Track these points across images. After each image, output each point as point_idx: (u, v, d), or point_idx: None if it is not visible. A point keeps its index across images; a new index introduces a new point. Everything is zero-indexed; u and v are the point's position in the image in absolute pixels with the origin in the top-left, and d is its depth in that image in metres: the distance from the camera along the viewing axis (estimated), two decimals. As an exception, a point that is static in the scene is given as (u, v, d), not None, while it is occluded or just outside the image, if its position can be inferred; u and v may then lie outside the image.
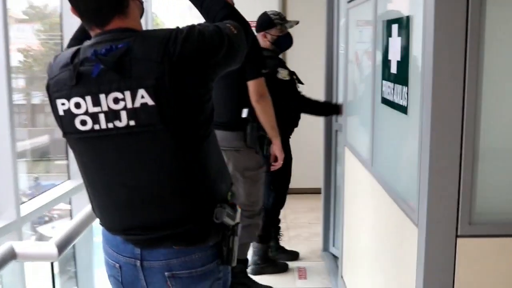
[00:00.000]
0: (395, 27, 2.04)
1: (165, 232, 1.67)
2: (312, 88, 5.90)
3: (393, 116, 2.07)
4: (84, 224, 2.29)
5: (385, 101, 2.19)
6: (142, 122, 1.56)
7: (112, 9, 1.63)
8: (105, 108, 1.57)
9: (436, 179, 1.64)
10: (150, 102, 1.54)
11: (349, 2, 3.10)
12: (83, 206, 3.36)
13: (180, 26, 1.64)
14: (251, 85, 3.20)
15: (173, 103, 1.55)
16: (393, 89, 2.04)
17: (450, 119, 1.61)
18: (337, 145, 4.22)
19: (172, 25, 1.69)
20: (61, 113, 1.64)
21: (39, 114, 5.42)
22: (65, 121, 1.64)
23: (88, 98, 1.58)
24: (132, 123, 1.56)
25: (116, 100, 1.56)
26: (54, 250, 1.89)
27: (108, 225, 1.78)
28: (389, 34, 2.11)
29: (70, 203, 3.35)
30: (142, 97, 1.54)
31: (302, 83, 3.98)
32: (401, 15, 2.01)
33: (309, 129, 6.49)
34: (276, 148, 3.42)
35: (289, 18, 6.36)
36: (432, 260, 1.67)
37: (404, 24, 1.94)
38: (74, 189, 3.23)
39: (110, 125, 1.58)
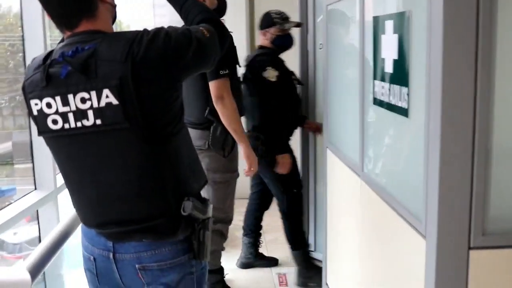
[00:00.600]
0: (389, 24, 1.91)
1: (135, 226, 1.74)
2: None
3: (390, 118, 1.95)
4: (57, 244, 2.10)
5: (378, 102, 2.07)
6: (107, 121, 1.63)
7: (80, 12, 1.70)
8: (73, 108, 1.64)
9: (446, 187, 1.52)
10: (115, 101, 1.61)
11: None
12: (52, 221, 3.18)
13: (149, 28, 1.70)
14: (211, 86, 3.14)
15: (136, 102, 1.61)
16: (389, 89, 1.92)
17: (461, 123, 1.49)
18: (316, 146, 4.10)
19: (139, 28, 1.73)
20: (35, 113, 1.71)
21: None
22: (39, 120, 1.71)
23: (58, 98, 1.65)
24: (98, 122, 1.64)
25: (83, 100, 1.63)
26: (27, 277, 1.71)
27: (83, 220, 1.87)
28: (382, 31, 1.99)
29: (37, 217, 3.13)
30: (107, 96, 1.60)
31: (302, 84, 3.97)
32: (396, 10, 1.89)
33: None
34: (244, 154, 3.30)
35: (256, 14, 6.29)
36: (443, 274, 1.55)
37: (401, 20, 1.81)
38: (42, 201, 3.03)
39: (79, 124, 1.65)
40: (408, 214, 1.78)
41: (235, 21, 6.12)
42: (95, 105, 1.62)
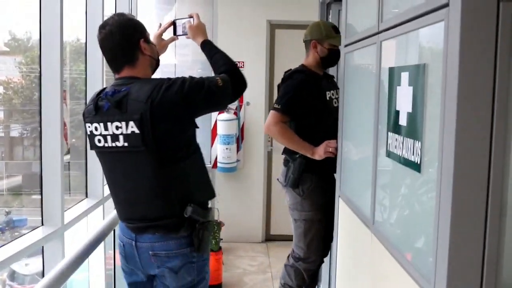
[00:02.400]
0: (405, 76, 1.87)
1: (150, 223, 2.33)
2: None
3: (402, 172, 1.89)
4: (59, 281, 2.06)
5: (391, 155, 2.01)
6: (131, 144, 2.25)
7: (123, 62, 2.35)
8: (111, 132, 2.28)
9: (457, 249, 1.45)
10: (136, 130, 2.22)
11: (346, 46, 2.95)
12: (57, 257, 3.14)
13: (176, 76, 2.31)
14: None
15: (151, 132, 2.20)
16: (402, 142, 1.87)
17: (475, 182, 1.43)
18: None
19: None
20: (88, 132, 2.37)
21: (17, 147, 5.28)
22: (90, 138, 2.37)
23: (101, 125, 2.30)
24: (126, 144, 2.26)
25: (117, 128, 2.26)
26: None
27: (118, 215, 2.49)
28: (397, 83, 1.95)
29: (42, 254, 3.08)
30: (132, 126, 2.23)
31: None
32: (412, 62, 1.84)
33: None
34: (316, 155, 3.34)
35: (276, 51, 6.35)
36: None
37: (417, 73, 1.77)
38: (48, 237, 2.99)
39: (113, 144, 2.29)
40: (417, 274, 1.70)
41: (257, 61, 6.19)
42: (124, 132, 2.24)
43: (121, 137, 2.25)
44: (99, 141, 2.31)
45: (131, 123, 2.21)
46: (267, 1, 6.24)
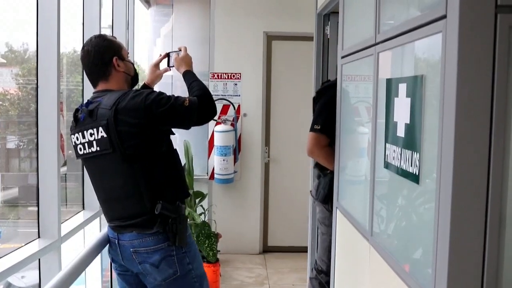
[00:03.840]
0: (402, 87, 1.87)
1: (126, 221, 2.55)
2: (298, 135, 5.76)
3: (400, 184, 1.88)
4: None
5: (389, 166, 2.01)
6: (102, 147, 2.51)
7: (98, 76, 2.67)
8: (87, 140, 2.55)
9: (457, 261, 1.44)
10: (104, 135, 2.49)
11: (342, 57, 2.95)
12: (53, 270, 3.12)
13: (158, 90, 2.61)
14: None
15: (116, 136, 2.46)
16: (400, 154, 1.86)
17: (474, 193, 1.42)
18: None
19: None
20: (73, 143, 2.63)
21: (13, 159, 5.26)
22: (75, 149, 2.62)
23: (80, 134, 2.57)
24: (98, 148, 2.53)
25: (90, 134, 2.53)
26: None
27: (105, 217, 2.70)
28: (395, 94, 1.95)
29: (39, 266, 3.06)
30: (101, 131, 2.49)
31: None
32: (410, 74, 1.84)
33: (290, 184, 6.37)
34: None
35: (273, 63, 6.36)
36: None
37: (414, 84, 1.77)
38: (44, 250, 2.97)
39: (90, 150, 2.55)
40: (416, 285, 1.70)
41: (253, 72, 6.19)
42: (96, 137, 2.51)
43: (94, 143, 2.51)
44: (80, 149, 2.58)
45: (100, 129, 2.48)
46: (264, 12, 6.25)
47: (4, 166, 5.11)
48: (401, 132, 1.87)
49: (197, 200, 5.50)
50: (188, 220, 4.31)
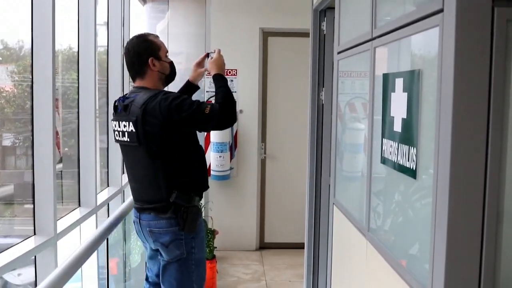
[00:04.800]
0: (399, 82, 1.86)
1: (146, 205, 2.90)
2: (294, 132, 5.76)
3: (397, 179, 1.88)
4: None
5: (386, 161, 2.00)
6: (131, 140, 2.84)
7: (135, 74, 2.96)
8: (121, 129, 2.88)
9: (454, 256, 1.44)
10: (133, 129, 2.80)
11: (339, 53, 2.95)
12: (50, 267, 3.10)
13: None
14: None
15: (142, 133, 2.77)
16: (397, 149, 1.86)
17: (471, 187, 1.42)
18: (321, 198, 4.03)
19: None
20: (112, 128, 3.00)
21: (9, 156, 5.23)
22: (113, 133, 2.97)
23: (117, 122, 2.91)
24: (128, 139, 2.86)
25: (124, 126, 2.85)
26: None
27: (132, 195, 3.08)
28: (391, 89, 1.94)
29: (35, 263, 3.05)
30: (131, 126, 2.80)
31: None
32: (407, 68, 1.84)
33: (286, 180, 6.36)
34: None
35: (269, 59, 6.35)
36: None
37: (411, 78, 1.76)
38: (40, 247, 2.96)
39: (123, 139, 2.89)
40: (414, 280, 1.69)
41: (250, 68, 6.18)
42: (127, 130, 2.83)
43: (126, 134, 2.83)
44: (117, 135, 2.92)
45: (131, 124, 2.78)
46: (260, 9, 6.24)
47: (0, 163, 5.10)
48: (398, 127, 1.86)
49: (193, 197, 5.48)
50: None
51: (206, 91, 6.21)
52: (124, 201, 4.92)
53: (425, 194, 1.62)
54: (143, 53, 2.92)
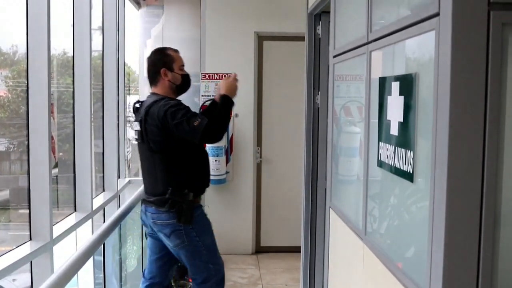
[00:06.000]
0: (395, 85, 1.87)
1: (149, 198, 3.30)
2: (289, 135, 5.76)
3: (394, 182, 1.88)
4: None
5: (382, 165, 2.00)
6: (138, 138, 3.26)
7: (150, 81, 3.40)
8: (135, 129, 3.30)
9: (452, 259, 1.44)
10: (139, 128, 3.24)
11: (334, 57, 2.95)
12: (45, 273, 3.09)
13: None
14: None
15: (145, 131, 3.21)
16: (394, 152, 1.86)
17: (468, 190, 1.42)
18: (317, 201, 4.03)
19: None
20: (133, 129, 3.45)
21: (4, 161, 5.22)
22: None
23: (134, 124, 3.35)
24: (137, 137, 3.29)
25: (136, 125, 3.29)
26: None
27: None
28: (388, 92, 1.94)
29: (30, 269, 3.03)
30: (139, 125, 3.24)
31: None
32: (403, 72, 1.84)
33: (282, 184, 6.36)
34: None
35: (264, 63, 6.35)
36: None
37: (407, 82, 1.77)
38: (36, 252, 2.95)
39: (135, 137, 3.31)
40: (412, 284, 1.69)
41: (245, 72, 6.19)
42: (137, 129, 3.26)
43: (137, 133, 3.28)
44: (134, 134, 3.35)
45: (138, 123, 3.25)
46: (255, 13, 6.24)
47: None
48: (394, 131, 1.87)
49: (189, 201, 5.47)
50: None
51: (201, 95, 6.21)
52: (120, 206, 4.91)
53: (422, 197, 1.63)
54: (158, 63, 3.36)
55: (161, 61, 3.37)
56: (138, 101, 3.42)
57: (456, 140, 1.42)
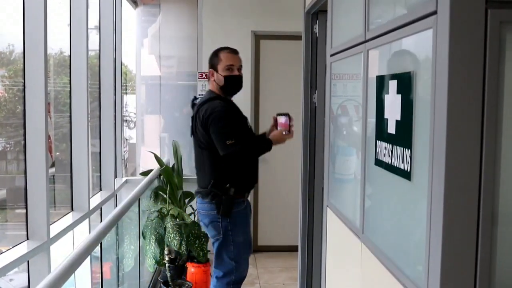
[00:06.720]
0: (393, 84, 1.87)
1: (199, 190, 3.66)
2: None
3: (392, 181, 1.88)
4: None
5: (379, 163, 2.00)
6: (191, 131, 3.72)
7: (208, 80, 3.83)
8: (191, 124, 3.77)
9: (450, 257, 1.44)
10: (191, 124, 3.72)
11: (332, 55, 2.95)
12: (43, 272, 3.08)
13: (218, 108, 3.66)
14: None
15: (195, 126, 3.64)
16: (391, 151, 1.86)
17: (466, 188, 1.42)
18: (314, 200, 4.03)
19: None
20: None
21: (1, 161, 5.21)
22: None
23: (192, 117, 3.74)
24: (191, 130, 3.72)
25: (191, 120, 3.73)
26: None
27: None
28: (385, 91, 1.94)
29: (28, 268, 3.03)
30: (191, 121, 3.68)
31: None
32: (401, 70, 1.84)
33: (280, 183, 6.36)
34: None
35: (261, 62, 6.35)
36: None
37: (405, 80, 1.77)
38: (33, 252, 2.94)
39: (191, 130, 3.75)
40: (410, 282, 1.69)
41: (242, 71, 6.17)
42: (192, 123, 3.67)
43: (192, 126, 3.67)
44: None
45: (191, 119, 3.67)
46: (252, 12, 6.24)
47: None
48: (392, 129, 1.87)
49: (186, 200, 5.48)
50: (178, 220, 4.31)
51: (198, 94, 6.21)
52: (117, 205, 4.90)
53: (420, 196, 1.63)
54: (209, 64, 3.79)
55: (210, 62, 3.77)
56: (195, 97, 3.89)
57: (453, 138, 1.42)
